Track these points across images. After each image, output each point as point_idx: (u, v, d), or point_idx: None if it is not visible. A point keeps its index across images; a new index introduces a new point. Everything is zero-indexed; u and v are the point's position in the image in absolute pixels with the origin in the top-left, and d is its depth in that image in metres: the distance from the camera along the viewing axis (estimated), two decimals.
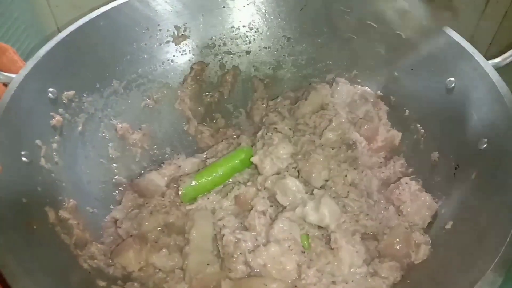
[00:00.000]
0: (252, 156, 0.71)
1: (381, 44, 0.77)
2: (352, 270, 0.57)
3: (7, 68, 0.64)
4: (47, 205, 0.58)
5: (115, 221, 0.68)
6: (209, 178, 0.70)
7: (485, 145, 0.58)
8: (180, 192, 0.69)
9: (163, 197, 0.71)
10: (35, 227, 0.53)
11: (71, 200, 0.63)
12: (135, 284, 0.57)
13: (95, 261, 0.57)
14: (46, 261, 0.51)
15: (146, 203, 0.69)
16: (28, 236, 0.51)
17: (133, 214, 0.68)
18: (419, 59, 0.72)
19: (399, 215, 0.64)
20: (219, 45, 0.86)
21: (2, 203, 0.50)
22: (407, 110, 0.74)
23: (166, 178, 0.74)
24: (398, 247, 0.59)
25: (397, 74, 0.76)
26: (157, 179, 0.73)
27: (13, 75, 0.63)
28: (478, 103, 0.62)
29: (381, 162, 0.74)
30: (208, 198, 0.70)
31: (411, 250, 0.58)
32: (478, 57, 0.64)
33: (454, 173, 0.62)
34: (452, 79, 0.66)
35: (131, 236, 0.64)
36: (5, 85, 0.62)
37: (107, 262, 0.59)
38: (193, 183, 0.70)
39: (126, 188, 0.74)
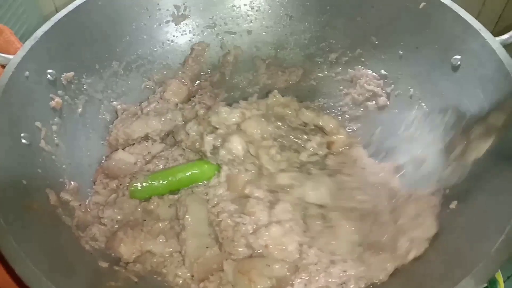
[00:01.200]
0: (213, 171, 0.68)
1: (386, 22, 0.75)
2: (350, 247, 0.57)
3: (4, 49, 0.63)
4: (48, 187, 0.58)
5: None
6: (164, 182, 0.67)
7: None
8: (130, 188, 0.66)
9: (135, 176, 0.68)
10: (35, 208, 0.53)
11: (72, 182, 0.63)
12: (137, 265, 0.57)
13: (96, 242, 0.57)
14: (48, 242, 0.51)
15: (120, 185, 0.67)
16: (29, 218, 0.51)
17: (111, 199, 0.65)
18: (424, 37, 0.70)
19: None
20: (220, 25, 0.85)
21: (1, 185, 0.50)
22: (411, 89, 0.72)
23: (134, 155, 0.71)
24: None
25: (401, 52, 0.74)
26: (125, 157, 0.71)
27: (10, 56, 0.62)
28: (485, 81, 0.61)
29: None
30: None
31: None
32: (485, 34, 0.62)
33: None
34: (458, 56, 0.65)
35: (119, 228, 0.61)
36: (3, 66, 0.61)
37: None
38: (144, 184, 0.66)
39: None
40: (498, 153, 0.54)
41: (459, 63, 0.65)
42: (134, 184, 0.66)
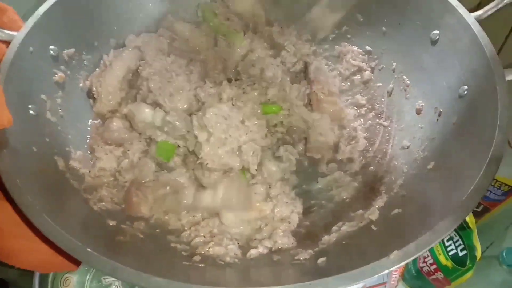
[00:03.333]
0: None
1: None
2: None
3: (8, 28, 0.65)
4: (56, 155, 0.62)
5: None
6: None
7: (465, 92, 0.62)
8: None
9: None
10: (47, 171, 0.57)
11: (77, 152, 0.67)
12: (143, 223, 0.61)
13: (103, 203, 0.62)
14: (60, 201, 0.55)
15: (128, 150, 0.71)
16: (41, 179, 0.55)
17: (126, 164, 0.69)
18: (406, 14, 0.75)
19: None
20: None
21: (15, 150, 0.54)
22: (394, 63, 0.77)
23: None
24: None
25: (385, 29, 0.79)
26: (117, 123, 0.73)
27: (14, 33, 0.65)
28: (461, 53, 0.65)
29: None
30: None
31: None
32: (461, 9, 0.67)
33: (437, 119, 0.66)
34: (437, 31, 0.69)
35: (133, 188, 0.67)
36: (6, 44, 0.64)
37: (116, 205, 0.63)
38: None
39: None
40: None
41: (437, 37, 0.69)
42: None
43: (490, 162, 0.50)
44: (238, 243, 0.61)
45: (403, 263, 0.45)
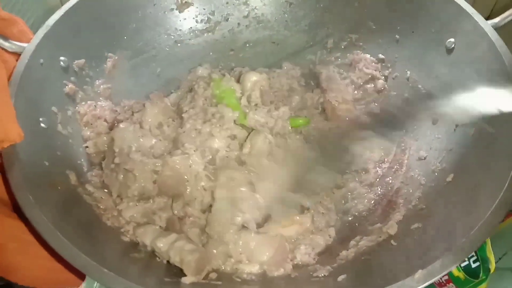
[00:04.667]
0: None
1: (383, 7, 0.78)
2: None
3: (17, 39, 0.65)
4: (68, 169, 0.61)
5: None
6: None
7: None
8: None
9: None
10: (59, 187, 0.56)
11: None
12: None
13: (117, 218, 0.61)
14: (72, 218, 0.53)
15: None
16: (54, 195, 0.54)
17: None
18: (419, 21, 0.74)
19: None
20: (222, 13, 0.87)
21: (26, 165, 0.53)
22: (408, 72, 0.76)
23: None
24: None
25: (398, 36, 0.77)
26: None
27: (24, 45, 0.64)
28: (478, 62, 0.64)
29: None
30: None
31: None
32: (477, 17, 0.66)
33: (454, 130, 0.64)
34: (452, 39, 0.68)
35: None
36: (16, 56, 0.63)
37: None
38: None
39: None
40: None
41: (453, 45, 0.68)
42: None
43: None
44: None
45: (428, 282, 0.43)
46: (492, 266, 0.80)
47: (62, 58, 0.68)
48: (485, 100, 0.61)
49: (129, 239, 0.58)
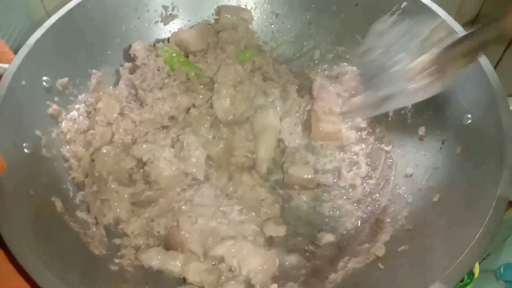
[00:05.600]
0: None
1: (369, 20, 0.78)
2: None
3: None
4: (54, 195, 0.59)
5: None
6: None
7: (469, 121, 0.61)
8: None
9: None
10: (45, 217, 0.55)
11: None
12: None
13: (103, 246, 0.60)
14: (59, 249, 0.53)
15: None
16: (39, 227, 0.53)
17: None
18: (405, 34, 0.74)
19: None
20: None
21: (11, 197, 0.52)
22: None
23: None
24: None
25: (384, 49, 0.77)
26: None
27: (5, 65, 0.63)
28: (463, 80, 0.64)
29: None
30: None
31: None
32: (457, 27, 0.66)
33: (440, 148, 0.65)
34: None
35: None
36: None
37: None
38: None
39: None
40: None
41: None
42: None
43: (498, 203, 0.50)
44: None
45: None
46: (476, 271, 0.82)
47: (45, 78, 0.67)
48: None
49: (118, 267, 0.58)
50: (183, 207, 0.65)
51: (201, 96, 0.76)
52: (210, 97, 0.76)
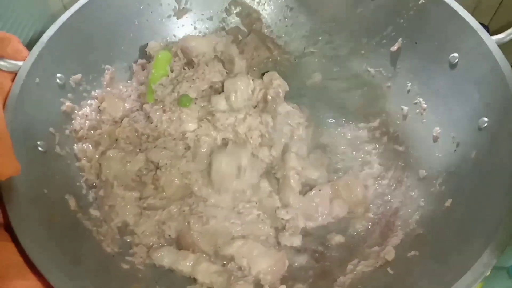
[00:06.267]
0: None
1: (386, 16, 0.76)
2: None
3: (12, 58, 0.63)
4: (67, 193, 0.61)
5: None
6: None
7: (485, 125, 0.60)
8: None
9: None
10: (58, 218, 0.56)
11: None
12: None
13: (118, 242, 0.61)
14: (72, 249, 0.54)
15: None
16: (51, 224, 0.54)
17: None
18: (423, 32, 0.72)
19: None
20: (221, 18, 0.85)
21: (25, 196, 0.53)
22: (409, 84, 0.75)
23: None
24: None
25: (400, 47, 0.76)
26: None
27: (20, 63, 0.63)
28: (480, 81, 0.63)
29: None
30: None
31: None
32: (482, 33, 0.64)
33: (455, 150, 0.64)
34: (456, 54, 0.67)
35: None
36: (11, 75, 0.62)
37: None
38: None
39: None
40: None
41: (456, 60, 0.67)
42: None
43: (510, 214, 0.49)
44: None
45: None
46: None
47: (58, 75, 0.67)
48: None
49: (129, 266, 0.59)
50: (196, 208, 0.65)
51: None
52: None
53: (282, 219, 0.66)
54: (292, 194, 0.66)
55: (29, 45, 0.66)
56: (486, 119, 0.60)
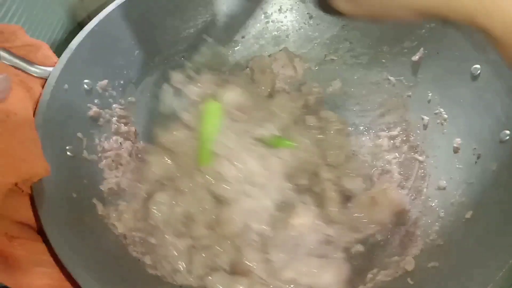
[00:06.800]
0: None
1: (406, 24, 0.76)
2: None
3: (42, 64, 0.65)
4: (95, 197, 0.62)
5: None
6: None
7: (507, 137, 0.60)
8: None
9: None
10: (87, 221, 0.58)
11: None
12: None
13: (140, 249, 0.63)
14: (100, 252, 0.56)
15: None
16: (82, 230, 0.56)
17: None
18: (445, 42, 0.72)
19: None
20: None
21: (56, 201, 0.55)
22: (430, 93, 0.75)
23: None
24: None
25: (422, 56, 0.76)
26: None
27: (50, 69, 0.65)
28: (503, 94, 0.63)
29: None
30: None
31: None
32: None
33: (476, 162, 0.64)
34: (478, 66, 0.67)
35: None
36: (41, 81, 0.64)
37: None
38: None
39: None
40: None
41: (478, 72, 0.67)
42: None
43: None
44: None
45: None
46: None
47: (86, 80, 0.69)
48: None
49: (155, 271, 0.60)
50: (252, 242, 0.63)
51: None
52: None
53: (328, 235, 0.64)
54: (333, 206, 0.66)
55: (56, 52, 0.68)
56: (508, 132, 0.60)
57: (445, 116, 0.72)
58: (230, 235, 0.63)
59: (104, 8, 0.73)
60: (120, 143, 0.72)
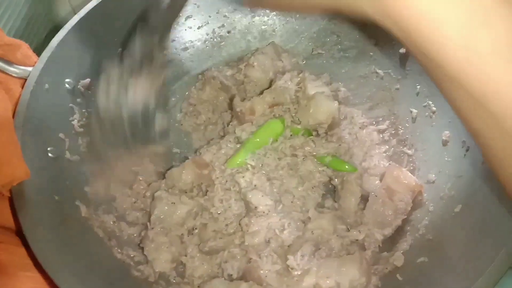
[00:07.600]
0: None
1: None
2: None
3: (22, 64, 0.64)
4: (77, 199, 0.61)
5: None
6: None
7: None
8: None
9: None
10: (69, 223, 0.57)
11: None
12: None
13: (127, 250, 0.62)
14: (84, 254, 0.55)
15: None
16: (63, 231, 0.55)
17: None
18: None
19: None
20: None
21: (37, 204, 0.53)
22: (418, 86, 0.74)
23: None
24: None
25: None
26: None
27: (29, 69, 0.64)
28: None
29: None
30: None
31: None
32: None
33: (465, 155, 0.63)
34: None
35: None
36: (21, 81, 0.63)
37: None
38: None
39: None
40: None
41: None
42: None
43: None
44: None
45: None
46: None
47: (67, 80, 0.67)
48: None
49: (140, 274, 0.59)
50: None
51: None
52: None
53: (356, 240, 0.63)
54: (354, 202, 0.66)
55: (36, 51, 0.67)
56: None
57: (434, 108, 0.71)
58: (250, 244, 0.61)
59: (85, 5, 0.71)
60: None
